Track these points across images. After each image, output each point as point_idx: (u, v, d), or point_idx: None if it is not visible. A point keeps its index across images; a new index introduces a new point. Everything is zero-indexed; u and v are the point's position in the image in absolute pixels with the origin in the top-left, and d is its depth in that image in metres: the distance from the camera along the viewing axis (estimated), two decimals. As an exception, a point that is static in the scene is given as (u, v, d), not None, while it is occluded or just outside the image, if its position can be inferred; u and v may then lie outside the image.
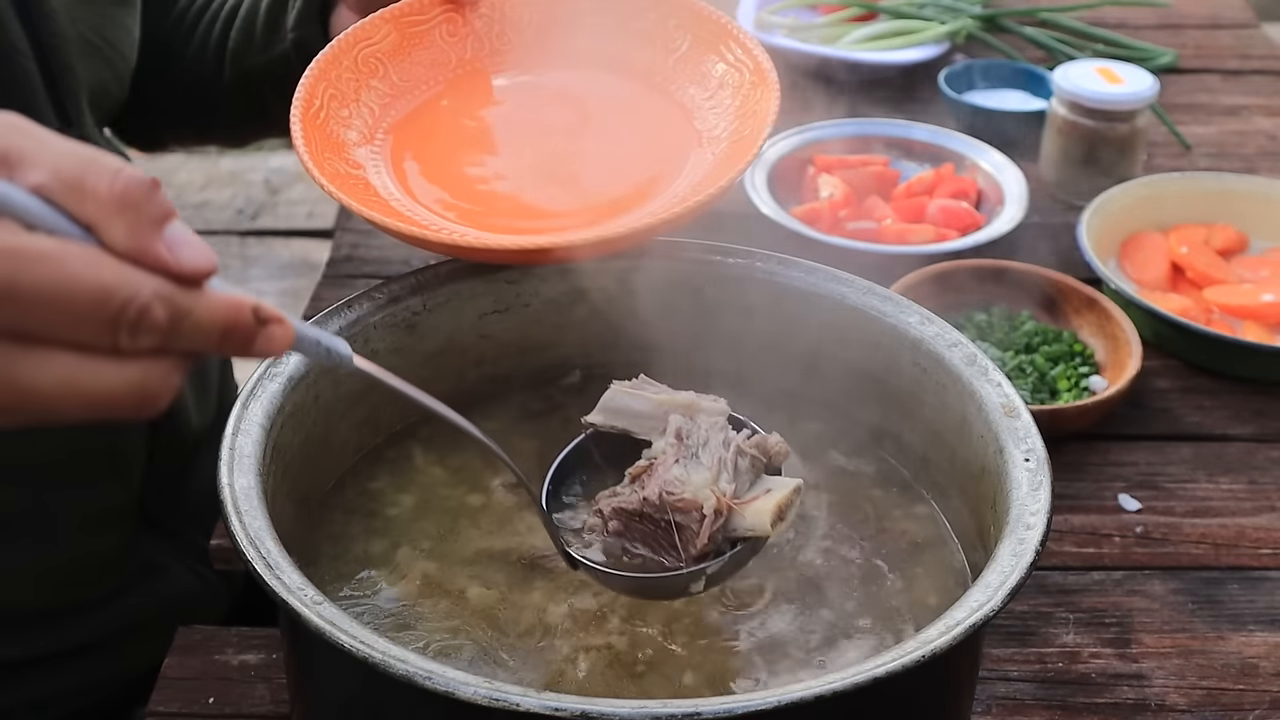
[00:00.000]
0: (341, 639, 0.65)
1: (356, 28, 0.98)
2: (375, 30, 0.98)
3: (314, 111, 0.93)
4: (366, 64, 0.97)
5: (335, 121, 0.94)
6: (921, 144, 1.56)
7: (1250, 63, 1.88)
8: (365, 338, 0.89)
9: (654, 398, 0.82)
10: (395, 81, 0.98)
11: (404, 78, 0.99)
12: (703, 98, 0.97)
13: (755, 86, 0.95)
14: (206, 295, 0.55)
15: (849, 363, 0.93)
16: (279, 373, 0.83)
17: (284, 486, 0.81)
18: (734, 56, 0.97)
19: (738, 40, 0.98)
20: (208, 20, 1.21)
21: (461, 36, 1.01)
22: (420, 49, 1.00)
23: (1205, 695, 0.97)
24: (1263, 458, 1.19)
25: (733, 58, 0.97)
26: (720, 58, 0.98)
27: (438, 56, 1.00)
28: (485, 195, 0.94)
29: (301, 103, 0.92)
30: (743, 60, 0.96)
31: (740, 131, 0.93)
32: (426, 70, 1.00)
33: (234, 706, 0.95)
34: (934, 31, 1.79)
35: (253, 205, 3.18)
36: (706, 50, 0.98)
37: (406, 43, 0.99)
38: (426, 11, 1.00)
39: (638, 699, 0.70)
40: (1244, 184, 1.47)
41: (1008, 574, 0.70)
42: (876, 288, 0.92)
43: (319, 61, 0.96)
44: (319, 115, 0.93)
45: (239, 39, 1.17)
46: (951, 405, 0.87)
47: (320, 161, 0.90)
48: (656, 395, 0.82)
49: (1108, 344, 1.25)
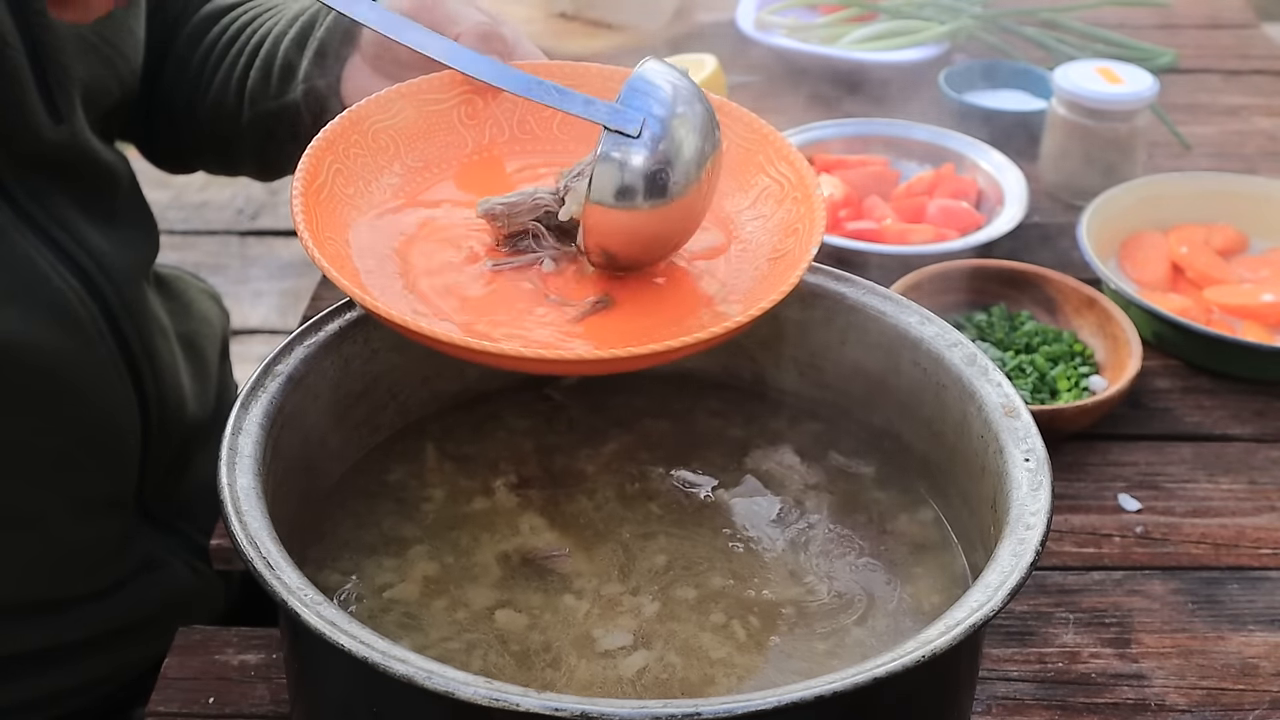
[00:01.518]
0: (341, 639, 0.65)
1: (370, 101, 0.91)
2: (390, 104, 0.91)
3: (317, 186, 0.86)
4: (377, 140, 0.90)
5: (339, 200, 0.87)
6: (921, 144, 1.56)
7: (1250, 63, 1.88)
8: (365, 338, 0.89)
9: None
10: (407, 162, 0.91)
11: (416, 159, 0.92)
12: (744, 207, 0.91)
13: (799, 202, 0.88)
14: None
15: (849, 363, 0.93)
16: (279, 372, 0.83)
17: (284, 486, 0.81)
18: (776, 170, 0.90)
19: (779, 151, 0.91)
20: (232, 56, 1.19)
21: (481, 120, 0.94)
22: (436, 130, 0.93)
23: (1205, 695, 0.97)
24: (1263, 458, 1.19)
25: (775, 171, 0.90)
26: (761, 169, 0.91)
27: (454, 139, 0.93)
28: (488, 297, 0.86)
29: (305, 175, 0.85)
30: (786, 174, 0.90)
31: (781, 248, 0.88)
32: (441, 152, 0.93)
33: (234, 706, 0.95)
34: (934, 31, 1.79)
35: (253, 205, 3.17)
36: (747, 159, 0.92)
37: (422, 121, 0.92)
38: (445, 90, 0.93)
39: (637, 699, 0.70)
40: (1244, 184, 1.47)
41: (1008, 574, 0.70)
42: (876, 288, 0.92)
43: (327, 133, 0.88)
44: (322, 190, 0.86)
45: (256, 80, 1.16)
46: (951, 405, 0.87)
47: (320, 241, 0.82)
48: None
49: (1108, 344, 1.25)
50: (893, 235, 1.40)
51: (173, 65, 1.22)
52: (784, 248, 0.87)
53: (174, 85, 1.22)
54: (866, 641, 0.81)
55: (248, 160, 1.25)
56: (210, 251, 3.04)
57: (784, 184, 0.90)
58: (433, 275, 0.85)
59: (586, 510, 0.89)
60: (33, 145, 1.06)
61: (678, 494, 0.91)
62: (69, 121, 1.08)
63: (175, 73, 1.22)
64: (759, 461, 0.93)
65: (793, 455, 0.93)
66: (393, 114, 0.91)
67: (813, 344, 0.94)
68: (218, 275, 2.87)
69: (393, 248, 0.86)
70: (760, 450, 0.94)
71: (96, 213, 1.13)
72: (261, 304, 2.88)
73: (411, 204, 0.90)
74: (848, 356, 0.93)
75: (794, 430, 0.96)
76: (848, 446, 0.95)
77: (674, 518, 0.89)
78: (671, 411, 0.97)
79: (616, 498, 0.90)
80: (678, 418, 0.97)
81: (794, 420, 0.96)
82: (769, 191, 0.91)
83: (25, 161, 1.06)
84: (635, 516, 0.89)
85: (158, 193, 1.26)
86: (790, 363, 0.96)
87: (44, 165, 1.08)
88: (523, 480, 0.91)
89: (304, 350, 0.85)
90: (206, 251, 3.03)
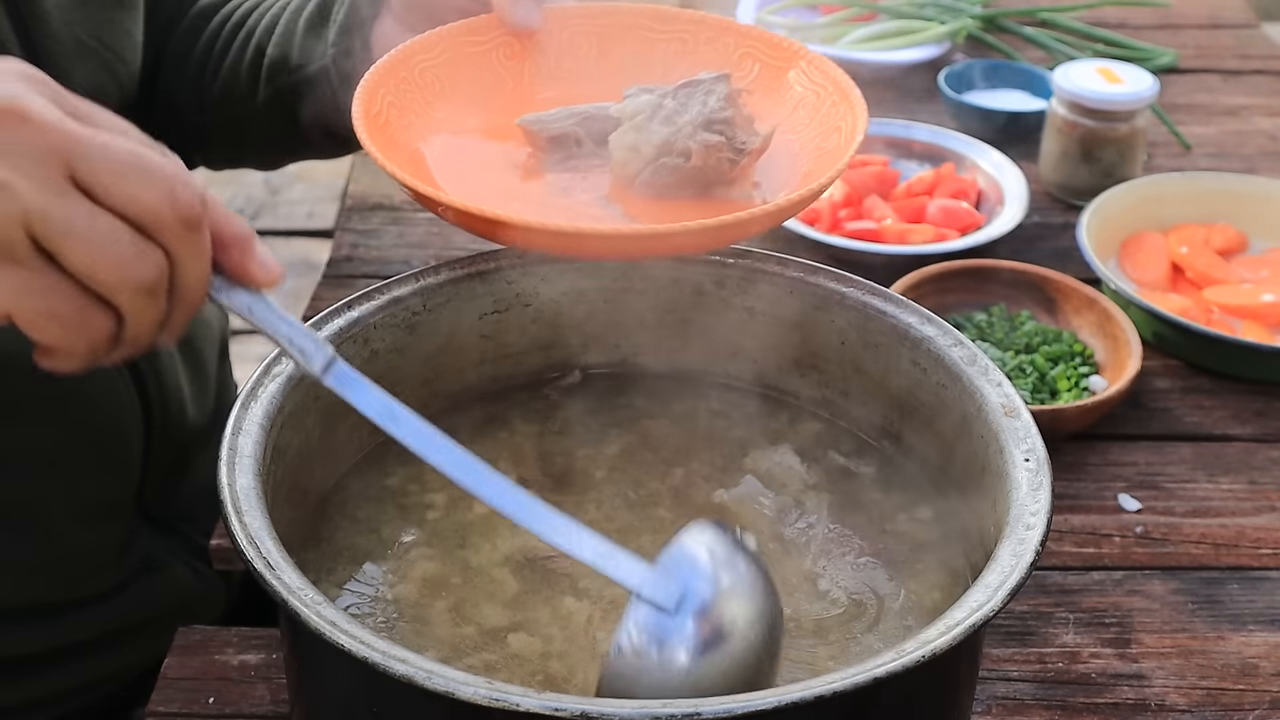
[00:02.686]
0: (341, 639, 0.65)
1: (414, 42, 0.95)
2: (433, 45, 0.96)
3: (374, 114, 0.90)
4: (424, 77, 0.95)
5: (395, 128, 0.91)
6: (921, 144, 1.56)
7: (1250, 63, 1.88)
8: (365, 338, 0.89)
9: None
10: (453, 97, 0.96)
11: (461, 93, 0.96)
12: (782, 117, 0.95)
13: (837, 104, 0.93)
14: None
15: (849, 363, 0.93)
16: (279, 373, 0.83)
17: (284, 486, 0.81)
18: (810, 80, 0.95)
19: (811, 62, 0.96)
20: (242, 38, 1.19)
21: (519, 60, 0.99)
22: (478, 68, 0.97)
23: (1205, 695, 0.97)
24: (1263, 458, 1.19)
25: (809, 81, 0.95)
26: (796, 81, 0.96)
27: (494, 77, 0.98)
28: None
29: (362, 104, 0.89)
30: (821, 83, 0.95)
31: (824, 145, 0.92)
32: (483, 88, 0.97)
33: (234, 706, 0.95)
34: (934, 31, 1.79)
35: (253, 205, 3.17)
36: (778, 75, 0.97)
37: (464, 60, 0.97)
38: (483, 33, 0.98)
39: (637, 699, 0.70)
40: (1244, 184, 1.47)
41: (1008, 574, 0.70)
42: (876, 288, 0.92)
43: (377, 69, 0.93)
44: (378, 119, 0.90)
45: (275, 56, 1.16)
46: (951, 405, 0.87)
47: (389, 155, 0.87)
48: None
49: (1108, 344, 1.25)
50: (893, 235, 1.40)
51: (172, 62, 1.22)
52: (828, 145, 0.91)
53: (175, 81, 1.22)
54: (863, 640, 0.81)
55: (258, 146, 1.25)
56: (210, 252, 3.04)
57: (820, 91, 0.95)
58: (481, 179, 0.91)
59: (588, 511, 0.89)
60: None
61: (678, 494, 0.91)
62: None
63: (175, 68, 1.22)
64: (759, 461, 0.93)
65: (793, 455, 0.93)
66: (436, 54, 0.95)
67: (813, 344, 0.94)
68: (218, 275, 2.86)
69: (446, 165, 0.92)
70: (760, 450, 0.94)
71: None
72: (261, 304, 2.88)
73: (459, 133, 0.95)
74: (848, 356, 0.93)
75: (794, 430, 0.96)
76: (848, 446, 0.95)
77: (675, 518, 0.89)
78: (671, 412, 0.97)
79: (617, 498, 0.90)
80: (678, 418, 0.97)
81: (794, 420, 0.96)
82: (804, 100, 0.95)
83: None
84: (635, 517, 0.89)
85: (158, 193, 1.27)
86: (790, 363, 0.96)
87: None
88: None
89: (304, 350, 0.85)
90: (206, 251, 3.03)
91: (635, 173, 0.89)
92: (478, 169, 0.92)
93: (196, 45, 1.22)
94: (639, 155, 0.89)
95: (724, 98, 0.89)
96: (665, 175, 0.89)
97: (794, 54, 0.97)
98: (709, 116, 0.89)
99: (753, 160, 0.90)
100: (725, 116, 0.89)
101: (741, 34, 0.99)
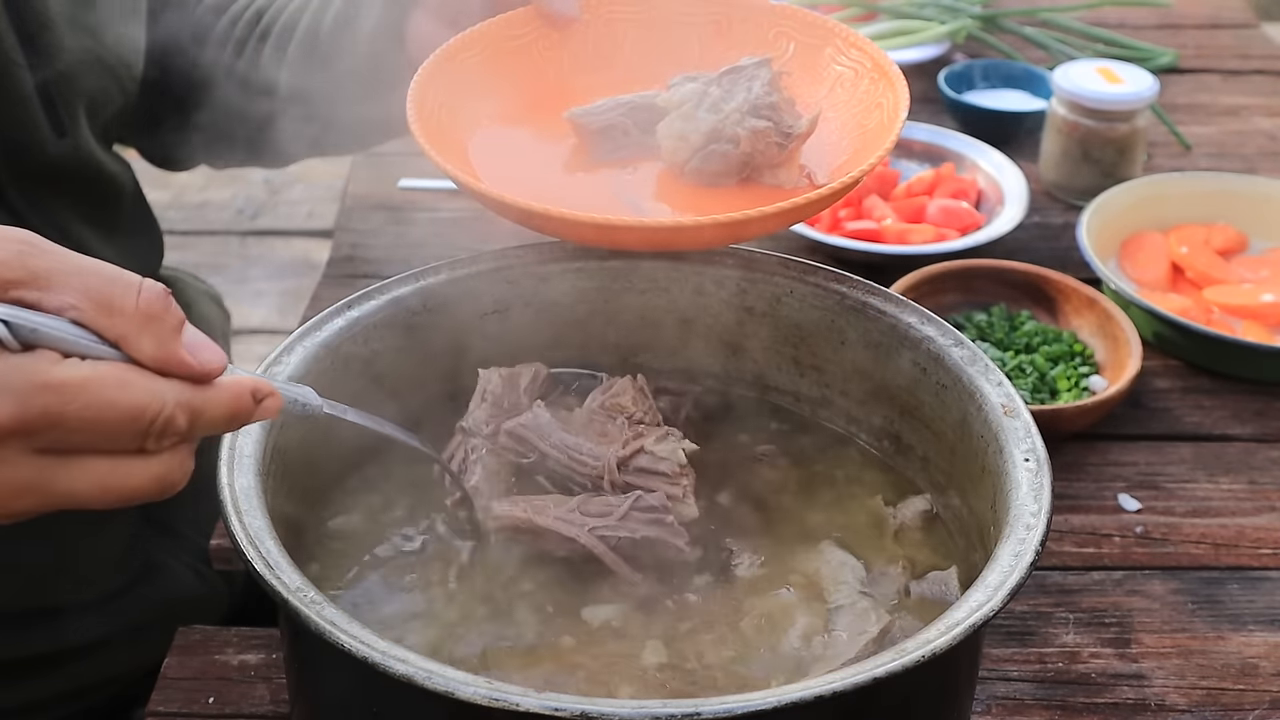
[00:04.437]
0: (341, 639, 0.65)
1: (457, 40, 0.97)
2: (474, 42, 0.98)
3: (425, 113, 0.92)
4: (469, 74, 0.97)
5: (448, 129, 0.93)
6: (921, 144, 1.56)
7: (1250, 63, 1.88)
8: (365, 338, 0.89)
9: None
10: (498, 91, 0.98)
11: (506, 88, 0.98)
12: (820, 96, 0.96)
13: (876, 81, 0.94)
14: (216, 389, 0.63)
15: (849, 363, 0.93)
16: (278, 374, 0.83)
17: (284, 486, 0.81)
18: (847, 58, 0.96)
19: (847, 39, 0.97)
20: (256, 37, 1.19)
21: (558, 51, 1.00)
22: (519, 63, 0.99)
23: (1205, 695, 0.97)
24: (1263, 458, 1.19)
25: (846, 59, 0.96)
26: (833, 60, 0.97)
27: (536, 69, 1.00)
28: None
29: (415, 104, 0.91)
30: (859, 60, 0.96)
31: (865, 123, 0.93)
32: (526, 82, 0.99)
33: (234, 706, 0.95)
34: (934, 31, 1.79)
35: (253, 205, 3.17)
36: (814, 53, 0.98)
37: (504, 57, 0.99)
38: (520, 27, 1.00)
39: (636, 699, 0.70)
40: (1244, 184, 1.47)
41: (1008, 574, 0.70)
42: (876, 288, 0.92)
43: (426, 69, 0.94)
44: (430, 118, 0.92)
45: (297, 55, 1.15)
46: (951, 405, 0.87)
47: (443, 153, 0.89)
48: None
49: (1108, 344, 1.25)
50: (893, 235, 1.40)
51: (180, 61, 1.22)
52: (869, 122, 0.92)
53: (184, 81, 1.21)
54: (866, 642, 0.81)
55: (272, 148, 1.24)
56: (210, 251, 3.04)
57: (858, 68, 0.96)
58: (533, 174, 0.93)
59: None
60: (36, 159, 1.06)
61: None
62: (72, 135, 1.07)
63: (184, 69, 1.21)
64: (759, 462, 0.93)
65: (793, 456, 0.93)
66: (477, 51, 0.97)
67: (813, 344, 0.94)
68: (218, 275, 2.86)
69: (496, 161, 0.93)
70: (761, 451, 0.94)
71: (101, 222, 1.13)
72: (261, 304, 2.88)
73: (508, 125, 0.97)
74: (848, 356, 0.93)
75: (794, 430, 0.96)
76: (848, 446, 0.95)
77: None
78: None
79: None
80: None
81: (794, 420, 0.96)
82: (843, 78, 0.96)
83: (28, 175, 1.06)
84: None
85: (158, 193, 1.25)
86: (790, 363, 0.96)
87: (47, 178, 1.07)
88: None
89: (304, 350, 0.85)
90: (206, 251, 3.03)
91: (684, 160, 0.90)
92: (529, 163, 0.94)
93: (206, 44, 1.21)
94: (687, 143, 0.90)
95: (768, 83, 0.90)
96: (714, 162, 0.90)
97: (829, 32, 0.98)
98: (755, 102, 0.90)
99: (799, 144, 0.91)
100: (771, 102, 0.90)
101: (775, 13, 1.00)
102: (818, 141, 0.93)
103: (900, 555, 0.87)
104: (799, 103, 0.93)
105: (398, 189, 1.53)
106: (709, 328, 0.96)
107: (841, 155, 0.93)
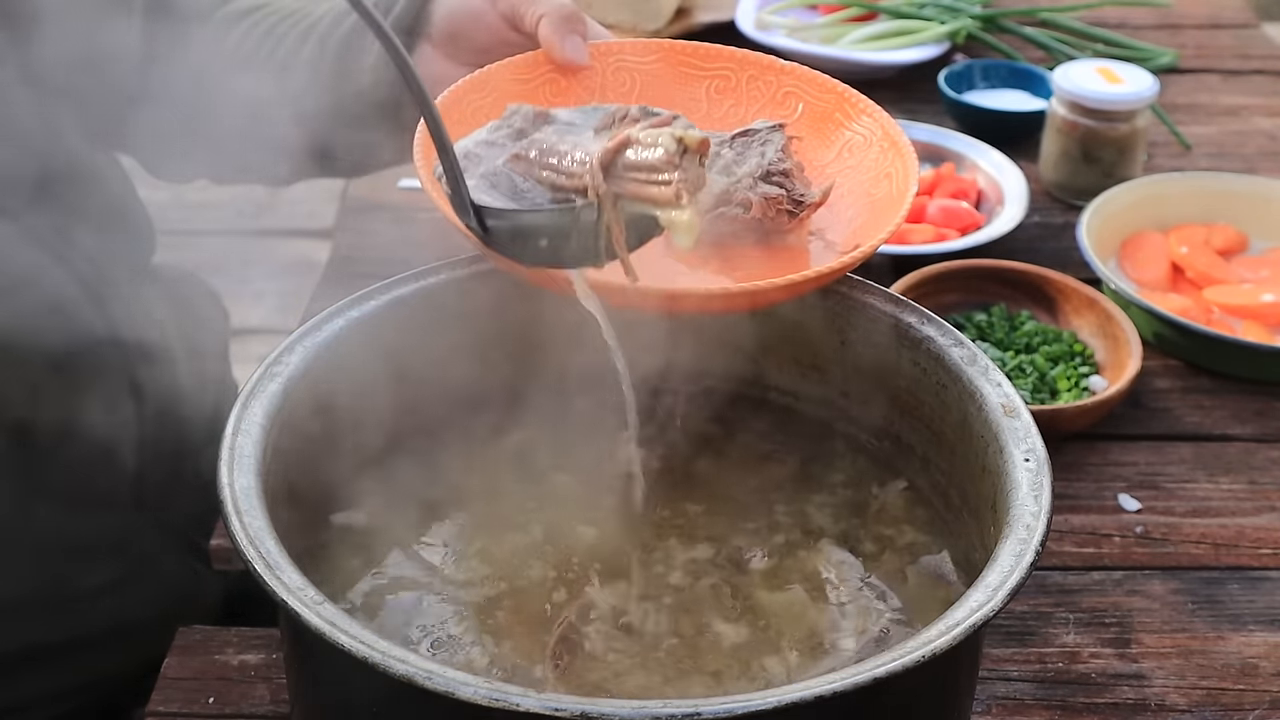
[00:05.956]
0: (341, 639, 0.65)
1: (465, 82, 0.96)
2: (483, 85, 0.96)
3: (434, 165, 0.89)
4: (476, 118, 0.94)
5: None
6: (921, 144, 1.55)
7: (1250, 63, 1.88)
8: (365, 338, 0.89)
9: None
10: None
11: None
12: (828, 160, 0.95)
13: (885, 151, 0.93)
14: None
15: (849, 363, 0.93)
16: (279, 372, 0.83)
17: (284, 486, 0.81)
18: (857, 123, 0.95)
19: (856, 105, 0.96)
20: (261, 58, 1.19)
21: (565, 98, 0.99)
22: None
23: (1205, 695, 0.97)
24: (1263, 458, 1.19)
25: (856, 124, 0.95)
26: (841, 124, 0.96)
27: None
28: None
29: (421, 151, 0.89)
30: (870, 128, 0.95)
31: (873, 193, 0.92)
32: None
33: (234, 706, 0.95)
34: (934, 31, 1.79)
35: (253, 205, 3.17)
36: (823, 115, 0.97)
37: (511, 100, 0.95)
38: (528, 70, 0.98)
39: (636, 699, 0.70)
40: (1244, 184, 1.47)
41: (1008, 574, 0.70)
42: (877, 288, 0.92)
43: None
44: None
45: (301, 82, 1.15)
46: (951, 405, 0.87)
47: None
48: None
49: (1108, 344, 1.25)
50: (892, 235, 1.40)
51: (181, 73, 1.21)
52: (878, 191, 0.92)
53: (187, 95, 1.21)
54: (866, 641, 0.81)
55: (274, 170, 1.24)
56: (210, 251, 3.03)
57: (868, 135, 0.95)
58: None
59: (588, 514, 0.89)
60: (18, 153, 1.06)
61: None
62: (56, 129, 1.07)
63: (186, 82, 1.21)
64: (759, 462, 0.93)
65: (792, 456, 0.93)
66: (486, 93, 0.96)
67: (813, 344, 0.94)
68: (218, 275, 2.85)
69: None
70: (760, 451, 0.94)
71: (89, 215, 1.13)
72: (261, 304, 2.88)
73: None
74: (848, 356, 0.93)
75: (795, 430, 0.96)
76: (847, 446, 0.95)
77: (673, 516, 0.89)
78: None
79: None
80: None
81: (795, 420, 0.96)
82: (853, 144, 0.95)
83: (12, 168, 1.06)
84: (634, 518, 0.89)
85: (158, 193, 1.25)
86: (790, 363, 0.96)
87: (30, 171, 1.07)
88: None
89: (304, 350, 0.85)
90: (206, 251, 3.03)
91: None
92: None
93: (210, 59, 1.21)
94: (698, 205, 0.88)
95: (781, 148, 0.90)
96: (724, 225, 0.89)
97: (839, 96, 0.97)
98: (767, 168, 0.89)
99: (810, 213, 0.91)
100: (784, 169, 0.89)
101: (784, 72, 0.99)
102: (827, 206, 0.92)
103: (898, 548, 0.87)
104: (807, 167, 0.93)
105: (398, 189, 1.53)
106: (709, 328, 0.96)
107: (849, 223, 0.92)
